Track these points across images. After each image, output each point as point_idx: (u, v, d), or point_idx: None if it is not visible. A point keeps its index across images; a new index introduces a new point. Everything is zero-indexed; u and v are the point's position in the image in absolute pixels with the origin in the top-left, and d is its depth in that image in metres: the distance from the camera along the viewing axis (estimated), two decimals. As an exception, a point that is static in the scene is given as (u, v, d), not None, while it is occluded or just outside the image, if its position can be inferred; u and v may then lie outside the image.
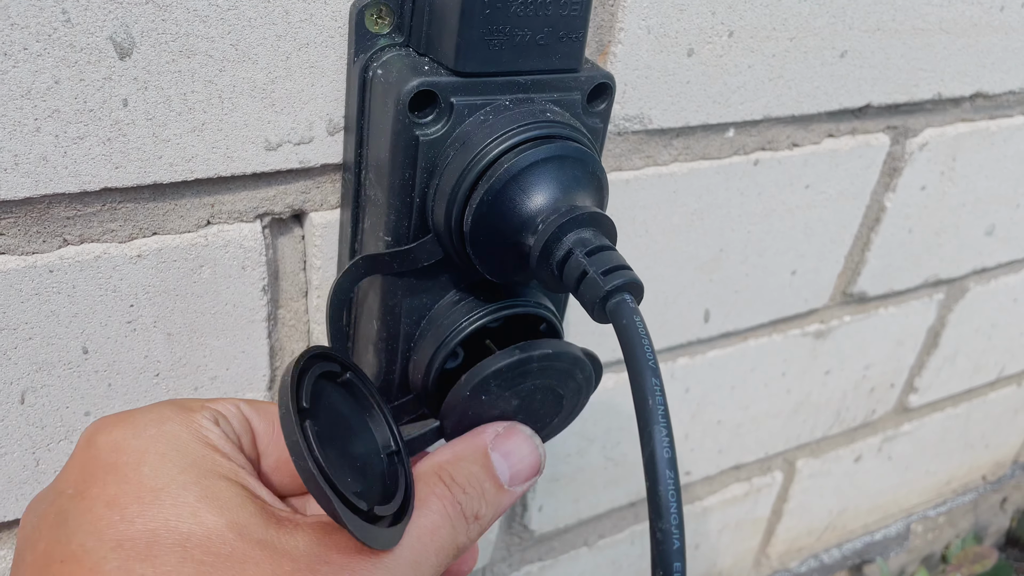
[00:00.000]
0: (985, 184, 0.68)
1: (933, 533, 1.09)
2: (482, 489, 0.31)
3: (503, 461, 0.33)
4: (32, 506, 0.28)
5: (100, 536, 0.24)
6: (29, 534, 0.27)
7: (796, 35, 0.48)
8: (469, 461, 0.32)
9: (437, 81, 0.32)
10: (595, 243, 0.31)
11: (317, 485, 0.26)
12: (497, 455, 0.33)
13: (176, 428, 0.28)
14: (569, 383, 0.36)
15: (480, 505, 0.31)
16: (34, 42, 0.30)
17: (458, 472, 0.32)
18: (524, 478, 0.33)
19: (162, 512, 0.25)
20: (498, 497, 0.32)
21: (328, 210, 0.40)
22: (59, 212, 0.35)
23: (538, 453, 0.34)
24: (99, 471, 0.27)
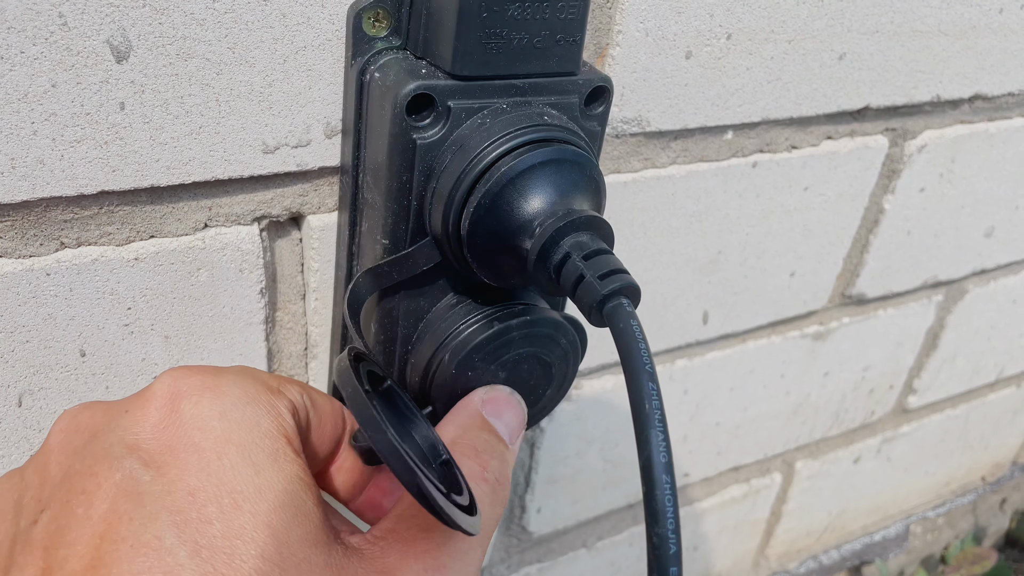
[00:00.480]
0: (984, 186, 0.68)
1: (932, 534, 1.09)
2: (499, 452, 0.32)
3: (498, 421, 0.33)
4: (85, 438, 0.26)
5: (180, 533, 0.23)
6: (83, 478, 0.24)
7: (795, 37, 0.48)
8: (477, 430, 0.32)
9: (434, 84, 0.32)
10: (592, 247, 0.31)
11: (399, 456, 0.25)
12: (492, 418, 0.33)
13: (259, 415, 0.27)
14: (554, 349, 0.37)
15: (501, 468, 0.31)
16: (31, 45, 0.30)
17: (478, 441, 0.32)
18: (517, 433, 0.34)
19: (240, 520, 0.24)
20: (508, 456, 0.32)
21: (326, 213, 0.40)
22: (56, 215, 0.35)
23: (520, 407, 0.35)
24: (180, 449, 0.25)
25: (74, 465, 0.25)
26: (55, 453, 0.26)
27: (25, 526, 0.24)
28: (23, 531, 0.24)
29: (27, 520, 0.24)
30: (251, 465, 0.25)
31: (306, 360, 0.45)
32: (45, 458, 0.26)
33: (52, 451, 0.26)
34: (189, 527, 0.23)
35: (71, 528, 0.23)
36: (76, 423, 0.27)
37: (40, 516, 0.24)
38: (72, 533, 0.23)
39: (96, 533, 0.23)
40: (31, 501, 0.25)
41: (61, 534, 0.23)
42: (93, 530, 0.23)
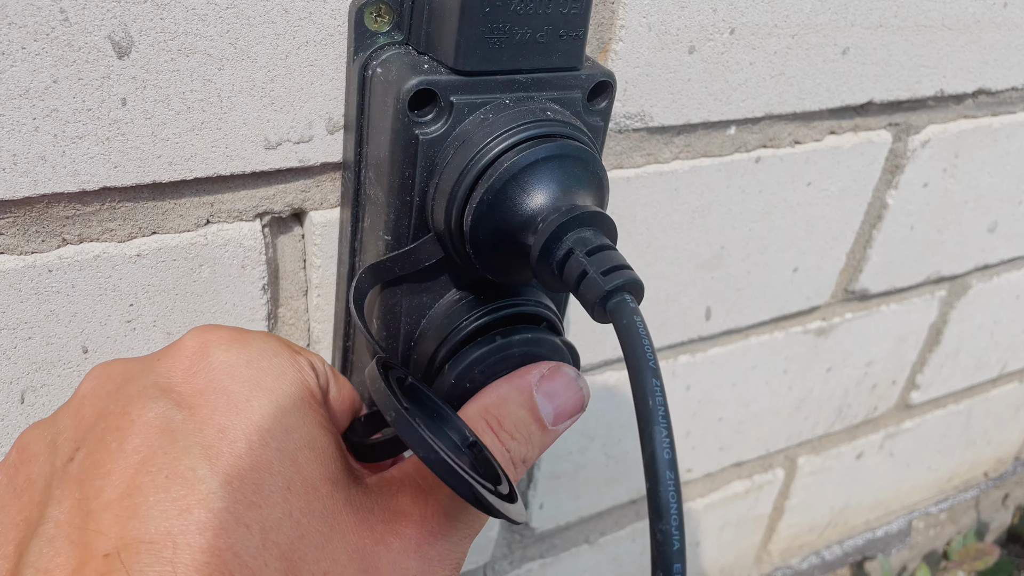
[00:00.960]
0: (988, 181, 0.68)
1: (935, 530, 1.09)
2: (528, 433, 0.31)
3: (547, 402, 0.32)
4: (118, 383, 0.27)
5: (212, 465, 0.24)
6: (118, 416, 0.25)
7: (798, 32, 0.48)
8: (515, 404, 0.32)
9: (437, 80, 0.32)
10: (595, 242, 0.30)
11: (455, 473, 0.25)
12: (541, 396, 0.32)
13: (284, 365, 0.28)
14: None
15: (527, 449, 0.31)
16: (32, 41, 0.30)
17: (506, 417, 0.31)
18: (567, 416, 0.33)
19: (268, 455, 0.25)
20: (543, 439, 0.32)
21: (328, 209, 0.40)
22: (58, 211, 0.34)
23: (581, 392, 0.33)
24: (211, 392, 0.26)
25: (108, 406, 0.26)
26: (88, 398, 0.27)
27: (60, 464, 0.25)
28: (59, 469, 0.25)
29: (62, 459, 0.25)
30: (277, 407, 0.26)
31: (308, 356, 0.45)
32: (79, 403, 0.27)
33: (85, 396, 0.27)
34: (220, 460, 0.24)
35: (105, 461, 0.24)
36: (108, 371, 0.28)
37: (75, 454, 0.25)
38: (107, 465, 0.24)
39: (131, 464, 0.24)
40: (65, 441, 0.26)
41: (96, 467, 0.24)
42: (127, 461, 0.24)
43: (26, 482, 0.26)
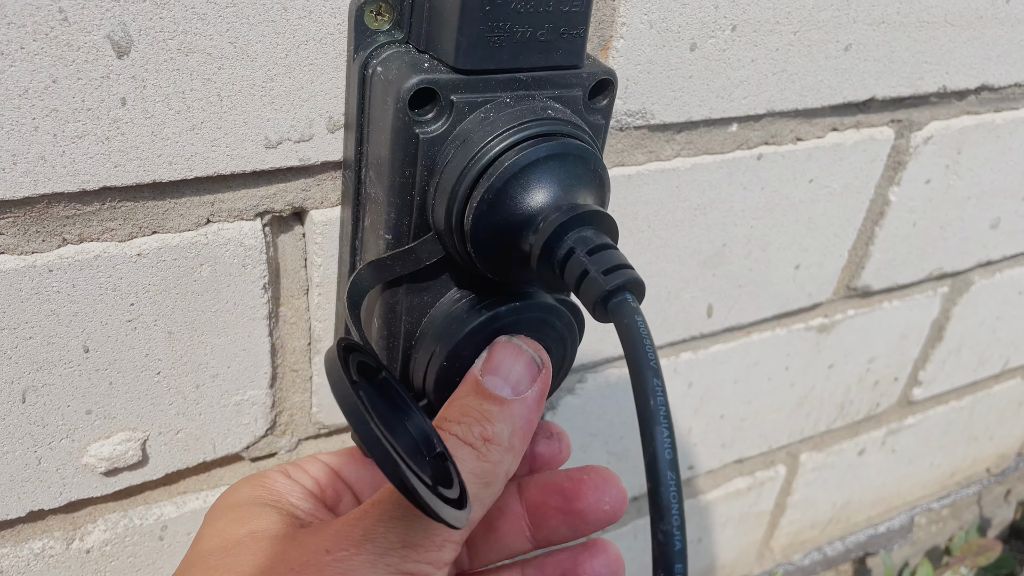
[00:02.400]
0: (990, 177, 0.68)
1: (937, 525, 1.09)
2: (480, 412, 0.31)
3: (495, 378, 0.32)
4: None
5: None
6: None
7: (800, 28, 0.48)
8: (467, 395, 0.32)
9: (437, 78, 0.32)
10: (596, 242, 0.30)
11: (381, 448, 0.25)
12: (489, 377, 0.32)
13: (240, 485, 0.34)
14: (549, 332, 0.36)
15: (483, 427, 0.31)
16: (31, 41, 0.30)
17: (450, 411, 0.32)
18: (529, 380, 0.33)
19: (198, 546, 0.31)
20: (507, 411, 0.31)
21: (329, 208, 0.40)
22: (58, 211, 0.34)
23: (524, 351, 0.33)
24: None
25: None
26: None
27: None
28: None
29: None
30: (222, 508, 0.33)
31: (309, 355, 0.45)
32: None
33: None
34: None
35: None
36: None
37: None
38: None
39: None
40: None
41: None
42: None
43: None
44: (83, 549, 0.44)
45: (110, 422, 0.41)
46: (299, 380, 0.46)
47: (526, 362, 0.33)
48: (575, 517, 0.36)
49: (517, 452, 0.32)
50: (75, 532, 0.44)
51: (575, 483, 0.37)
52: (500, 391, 0.32)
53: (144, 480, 0.44)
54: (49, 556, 0.43)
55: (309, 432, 0.48)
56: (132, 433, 0.41)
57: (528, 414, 0.32)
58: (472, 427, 0.31)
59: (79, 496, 0.42)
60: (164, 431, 0.42)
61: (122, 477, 0.43)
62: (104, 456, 0.41)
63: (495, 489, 0.31)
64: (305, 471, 0.36)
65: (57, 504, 0.42)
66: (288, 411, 0.47)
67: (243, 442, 0.46)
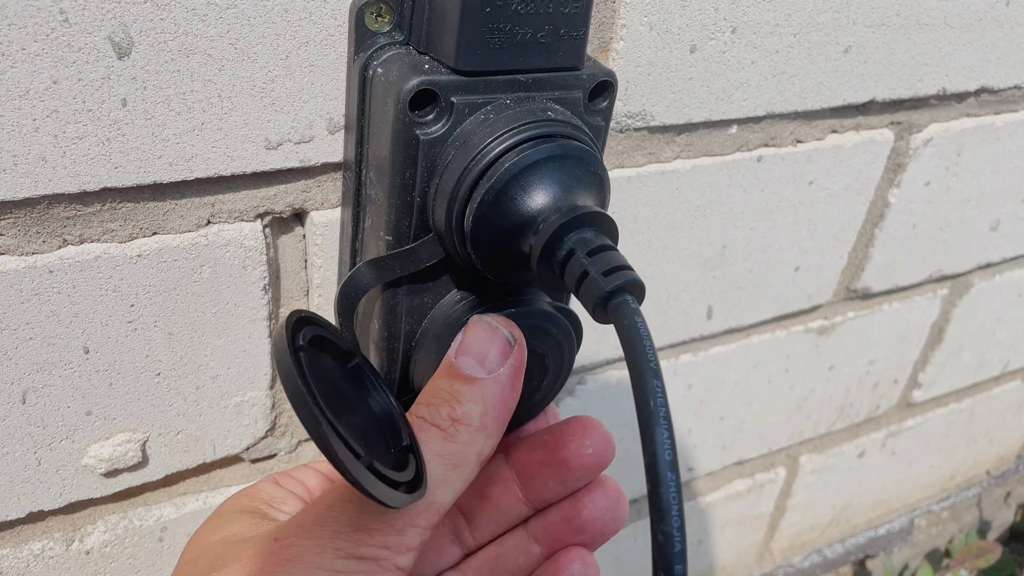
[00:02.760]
0: (990, 179, 0.68)
1: (937, 528, 1.09)
2: (450, 391, 0.30)
3: (467, 358, 0.31)
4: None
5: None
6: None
7: (800, 31, 0.48)
8: (435, 378, 0.32)
9: (437, 80, 0.32)
10: (596, 243, 0.30)
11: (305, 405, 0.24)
12: (461, 358, 0.32)
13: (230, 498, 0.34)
14: (545, 339, 0.37)
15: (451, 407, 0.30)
16: (32, 42, 0.30)
17: (423, 395, 0.31)
18: (499, 356, 0.32)
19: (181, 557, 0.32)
20: (477, 390, 0.31)
21: (329, 209, 0.40)
22: (59, 212, 0.34)
23: (494, 328, 0.32)
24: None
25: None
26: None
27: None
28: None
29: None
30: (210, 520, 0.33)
31: (310, 356, 0.45)
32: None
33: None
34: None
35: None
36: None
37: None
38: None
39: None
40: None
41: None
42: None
43: None
44: (83, 550, 0.44)
45: (110, 423, 0.41)
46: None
47: (498, 340, 0.32)
48: (560, 467, 0.36)
49: (491, 432, 0.30)
50: (75, 533, 0.44)
51: (556, 434, 0.36)
52: (471, 370, 0.31)
53: (144, 481, 0.44)
54: (49, 557, 0.43)
55: (309, 433, 0.48)
56: (132, 434, 0.41)
57: (502, 392, 0.31)
58: (440, 408, 0.30)
59: (79, 497, 0.42)
60: (164, 432, 0.42)
61: (122, 478, 0.43)
62: (104, 457, 0.41)
63: (467, 471, 0.30)
64: (296, 479, 0.36)
65: (57, 505, 0.42)
66: (288, 412, 0.47)
67: (243, 443, 0.46)
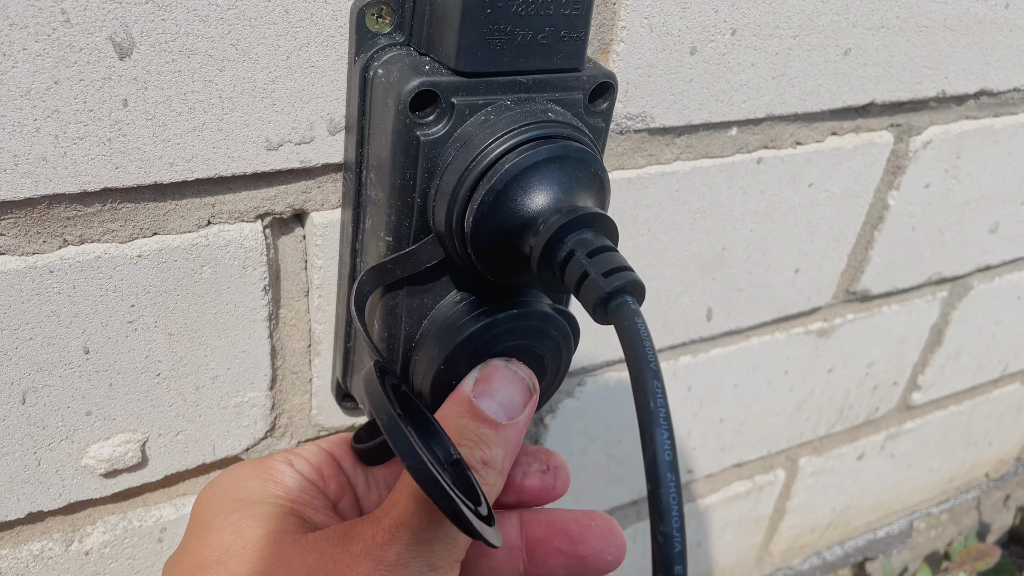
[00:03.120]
0: (989, 181, 0.68)
1: (936, 530, 1.09)
2: (479, 435, 0.32)
3: (491, 402, 0.33)
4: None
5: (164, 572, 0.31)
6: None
7: (799, 33, 0.48)
8: (455, 416, 0.32)
9: (438, 81, 0.32)
10: (596, 244, 0.30)
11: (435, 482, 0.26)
12: (483, 400, 0.33)
13: (244, 473, 0.34)
14: (544, 341, 0.37)
15: (483, 451, 0.31)
16: (33, 42, 0.30)
17: (460, 430, 0.32)
18: (520, 406, 0.33)
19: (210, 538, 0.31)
20: (502, 435, 0.32)
21: (329, 210, 0.40)
22: (59, 212, 0.34)
23: (520, 378, 0.34)
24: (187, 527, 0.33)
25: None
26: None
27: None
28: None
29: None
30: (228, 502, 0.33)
31: (309, 357, 0.45)
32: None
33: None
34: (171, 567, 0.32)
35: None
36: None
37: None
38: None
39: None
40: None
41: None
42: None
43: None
44: (82, 551, 0.44)
45: (110, 423, 0.41)
46: (299, 382, 0.46)
47: (520, 387, 0.34)
48: (578, 561, 0.36)
49: (506, 474, 0.32)
50: (74, 534, 0.44)
51: (582, 528, 0.37)
52: (495, 415, 0.32)
53: (143, 482, 0.44)
54: (48, 558, 0.43)
55: (309, 434, 0.48)
56: (132, 435, 0.41)
57: (517, 438, 0.33)
58: (473, 450, 0.31)
59: (78, 497, 0.42)
60: (164, 433, 0.42)
61: (121, 479, 0.43)
62: (104, 458, 0.41)
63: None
64: (307, 461, 0.36)
65: (56, 505, 0.42)
66: (288, 413, 0.47)
67: (242, 444, 0.46)
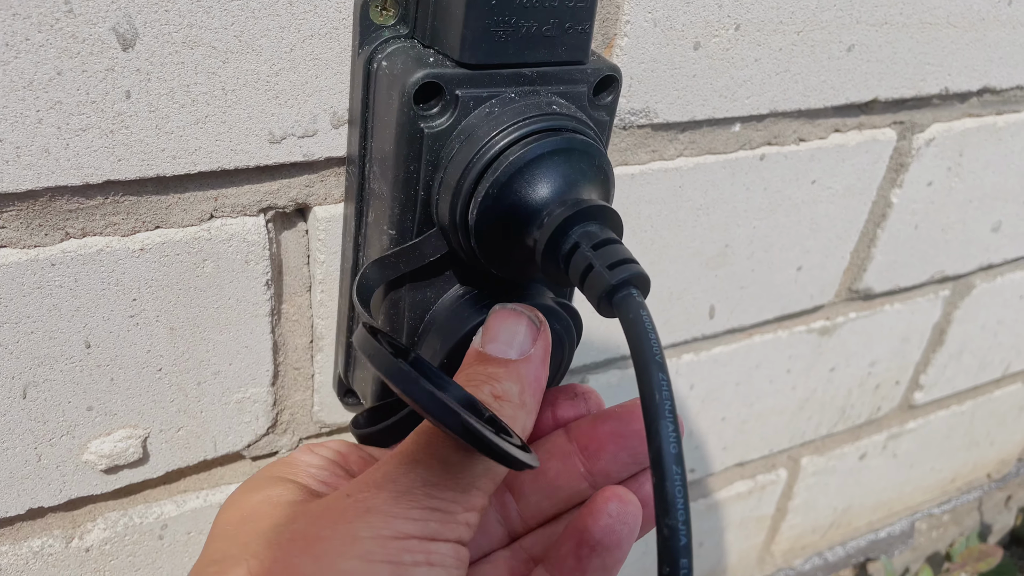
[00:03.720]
0: (992, 180, 0.68)
1: (937, 531, 1.09)
2: (487, 374, 0.31)
3: (496, 344, 0.32)
4: None
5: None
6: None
7: (803, 29, 0.48)
8: (466, 367, 0.32)
9: (442, 73, 0.32)
10: (601, 236, 0.30)
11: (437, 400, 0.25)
12: (490, 345, 0.32)
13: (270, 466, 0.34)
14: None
15: (491, 386, 0.31)
16: (36, 32, 0.30)
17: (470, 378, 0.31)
18: (529, 340, 0.32)
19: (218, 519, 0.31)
20: (514, 370, 0.31)
21: (332, 204, 0.40)
22: (61, 205, 0.34)
23: (520, 313, 0.33)
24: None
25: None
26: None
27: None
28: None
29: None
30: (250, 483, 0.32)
31: (311, 352, 0.45)
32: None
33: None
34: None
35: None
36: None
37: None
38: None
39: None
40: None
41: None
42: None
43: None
44: (82, 548, 0.44)
45: (111, 419, 0.40)
46: (301, 378, 0.46)
47: (526, 324, 0.33)
48: (633, 438, 0.36)
49: (530, 409, 0.31)
50: (75, 530, 0.44)
51: (627, 408, 0.36)
52: (503, 354, 0.32)
53: (144, 478, 0.43)
54: (48, 554, 0.43)
55: (310, 431, 0.48)
56: (133, 430, 0.41)
57: (536, 371, 0.32)
58: (481, 387, 0.31)
59: (79, 494, 0.42)
60: (165, 428, 0.42)
61: (122, 475, 0.42)
62: (104, 453, 0.41)
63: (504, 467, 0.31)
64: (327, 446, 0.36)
65: (57, 502, 0.41)
66: (289, 409, 0.46)
67: (244, 440, 0.45)
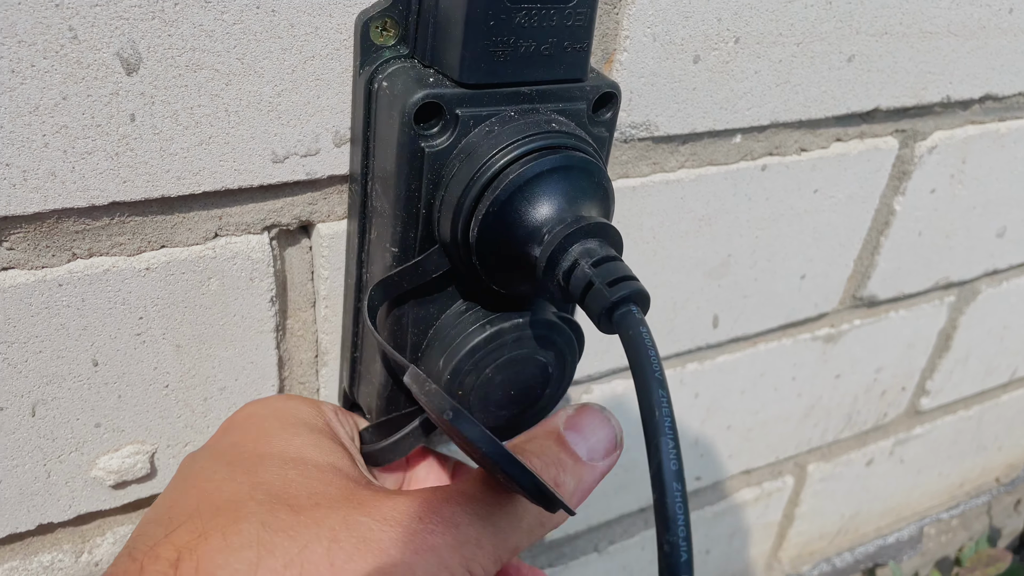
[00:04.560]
0: (996, 186, 0.68)
1: (946, 536, 1.08)
2: (557, 458, 0.32)
3: (578, 436, 0.33)
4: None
5: (217, 459, 0.31)
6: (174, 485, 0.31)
7: (803, 40, 0.48)
8: (541, 438, 0.32)
9: (442, 93, 0.32)
10: (601, 254, 0.31)
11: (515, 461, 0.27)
12: (571, 433, 0.33)
13: (300, 404, 0.34)
14: (549, 349, 0.37)
15: (557, 472, 0.31)
16: (41, 59, 0.30)
17: (530, 445, 0.32)
18: (604, 452, 0.33)
19: (272, 446, 0.31)
20: (578, 469, 0.32)
21: (335, 221, 0.41)
22: (68, 226, 0.35)
23: (612, 427, 0.34)
24: (231, 429, 0.33)
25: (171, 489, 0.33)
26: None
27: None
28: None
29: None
30: (289, 424, 0.33)
31: (316, 368, 0.45)
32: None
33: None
34: (226, 455, 0.31)
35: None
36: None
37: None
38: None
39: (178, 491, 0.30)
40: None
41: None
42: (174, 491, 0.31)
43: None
44: (92, 562, 0.44)
45: (119, 435, 0.41)
46: (306, 393, 0.46)
47: (608, 435, 0.33)
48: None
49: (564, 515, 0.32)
50: (84, 545, 0.44)
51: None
52: (577, 448, 0.32)
53: (152, 493, 0.44)
54: (58, 569, 0.43)
55: (316, 444, 0.48)
56: (141, 446, 0.42)
57: (592, 481, 0.32)
58: (549, 467, 0.31)
59: (88, 509, 0.42)
60: (172, 444, 0.43)
61: (131, 490, 0.43)
62: (113, 469, 0.41)
63: (540, 534, 0.31)
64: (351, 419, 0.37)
65: (66, 517, 0.42)
66: (295, 423, 0.47)
67: (251, 455, 0.46)
